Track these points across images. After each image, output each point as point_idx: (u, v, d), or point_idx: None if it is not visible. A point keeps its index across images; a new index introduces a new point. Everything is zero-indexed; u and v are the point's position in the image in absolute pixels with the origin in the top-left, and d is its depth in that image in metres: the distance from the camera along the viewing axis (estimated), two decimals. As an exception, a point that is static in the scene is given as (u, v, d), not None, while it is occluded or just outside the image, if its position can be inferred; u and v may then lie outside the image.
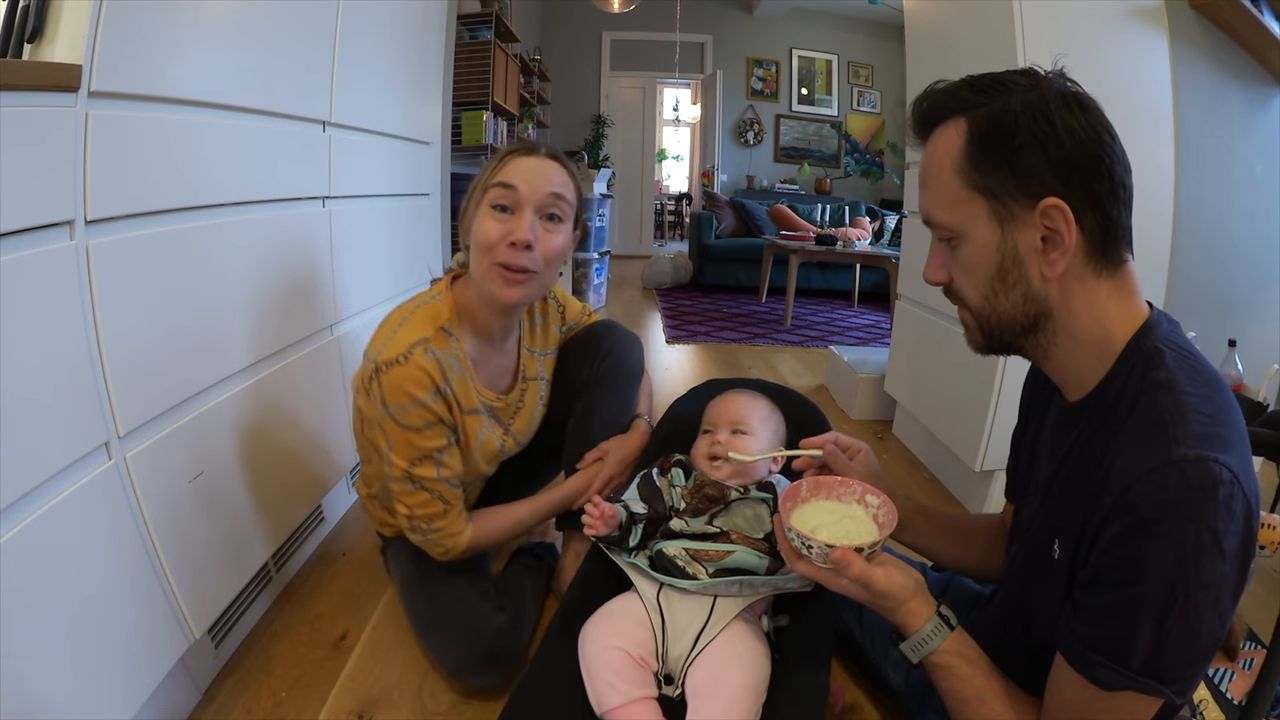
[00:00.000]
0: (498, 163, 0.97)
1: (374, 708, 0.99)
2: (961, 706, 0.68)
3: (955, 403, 1.74)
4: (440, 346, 0.96)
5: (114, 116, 0.77)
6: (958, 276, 0.66)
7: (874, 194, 6.50)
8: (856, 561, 0.67)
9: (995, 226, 0.61)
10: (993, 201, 0.60)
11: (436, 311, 0.99)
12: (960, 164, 0.61)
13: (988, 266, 0.62)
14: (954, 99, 0.63)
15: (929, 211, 0.66)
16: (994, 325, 0.65)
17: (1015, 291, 0.62)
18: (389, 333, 0.96)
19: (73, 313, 0.73)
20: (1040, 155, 0.58)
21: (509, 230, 0.93)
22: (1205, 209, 1.61)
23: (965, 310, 0.67)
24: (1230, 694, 0.93)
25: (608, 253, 4.31)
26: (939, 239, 0.67)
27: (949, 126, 0.63)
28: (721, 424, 1.08)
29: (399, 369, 0.91)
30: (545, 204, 0.95)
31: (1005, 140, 0.59)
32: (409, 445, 0.94)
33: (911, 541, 0.92)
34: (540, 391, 1.19)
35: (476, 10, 4.03)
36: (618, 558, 0.96)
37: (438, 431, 0.96)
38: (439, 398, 0.95)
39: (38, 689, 0.68)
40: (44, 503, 0.69)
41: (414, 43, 1.78)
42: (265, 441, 1.14)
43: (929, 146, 0.66)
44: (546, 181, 0.95)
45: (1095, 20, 1.49)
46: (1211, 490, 0.50)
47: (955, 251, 0.65)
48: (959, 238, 0.64)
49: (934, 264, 0.68)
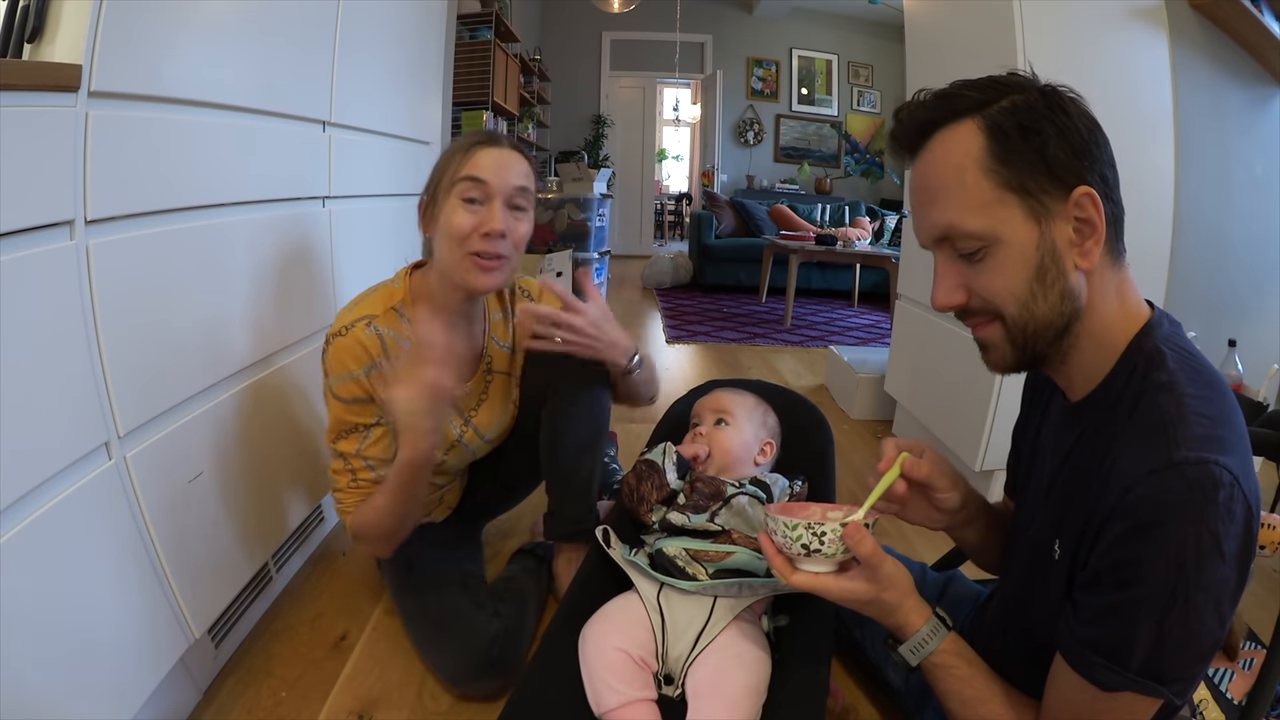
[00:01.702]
0: (464, 155, 0.98)
1: (374, 708, 0.99)
2: (962, 707, 0.68)
3: (955, 403, 1.74)
4: (388, 325, 1.00)
5: (114, 116, 0.77)
6: (986, 286, 0.60)
7: (874, 194, 6.50)
8: (869, 538, 0.65)
9: (1033, 224, 0.57)
10: (1027, 199, 0.57)
11: (390, 292, 1.03)
12: (986, 164, 0.57)
13: (1027, 269, 0.58)
14: (954, 101, 0.60)
15: (954, 222, 0.59)
16: (1030, 333, 0.60)
17: (1054, 291, 0.58)
18: (344, 311, 1.02)
19: (73, 313, 0.73)
20: (1065, 144, 0.56)
21: (482, 221, 0.96)
22: (1205, 209, 1.61)
23: (992, 325, 0.62)
24: (1230, 694, 0.93)
25: (608, 253, 4.31)
26: (958, 254, 0.61)
27: (954, 130, 0.59)
28: (705, 416, 1.12)
29: (339, 340, 0.97)
30: (512, 196, 0.99)
31: (1033, 133, 0.56)
32: (338, 418, 0.99)
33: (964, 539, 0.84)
34: (509, 387, 1.18)
35: (476, 10, 4.03)
36: (618, 558, 0.96)
37: (365, 409, 0.99)
38: (376, 373, 0.97)
39: (37, 689, 0.68)
40: (44, 503, 0.69)
41: (414, 42, 1.78)
42: (265, 442, 1.14)
43: (932, 154, 0.61)
44: (513, 174, 0.98)
45: (1095, 20, 1.49)
46: (1212, 493, 0.50)
47: (982, 262, 0.59)
48: (992, 244, 0.58)
49: (947, 286, 0.62)
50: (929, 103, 0.62)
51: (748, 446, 1.08)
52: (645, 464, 1.04)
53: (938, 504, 0.77)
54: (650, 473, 1.02)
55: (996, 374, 0.66)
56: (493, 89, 3.98)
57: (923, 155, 0.62)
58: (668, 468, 1.02)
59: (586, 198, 3.87)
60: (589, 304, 1.06)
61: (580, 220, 3.86)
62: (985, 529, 0.83)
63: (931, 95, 0.62)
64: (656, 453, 1.04)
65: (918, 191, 0.63)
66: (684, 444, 1.08)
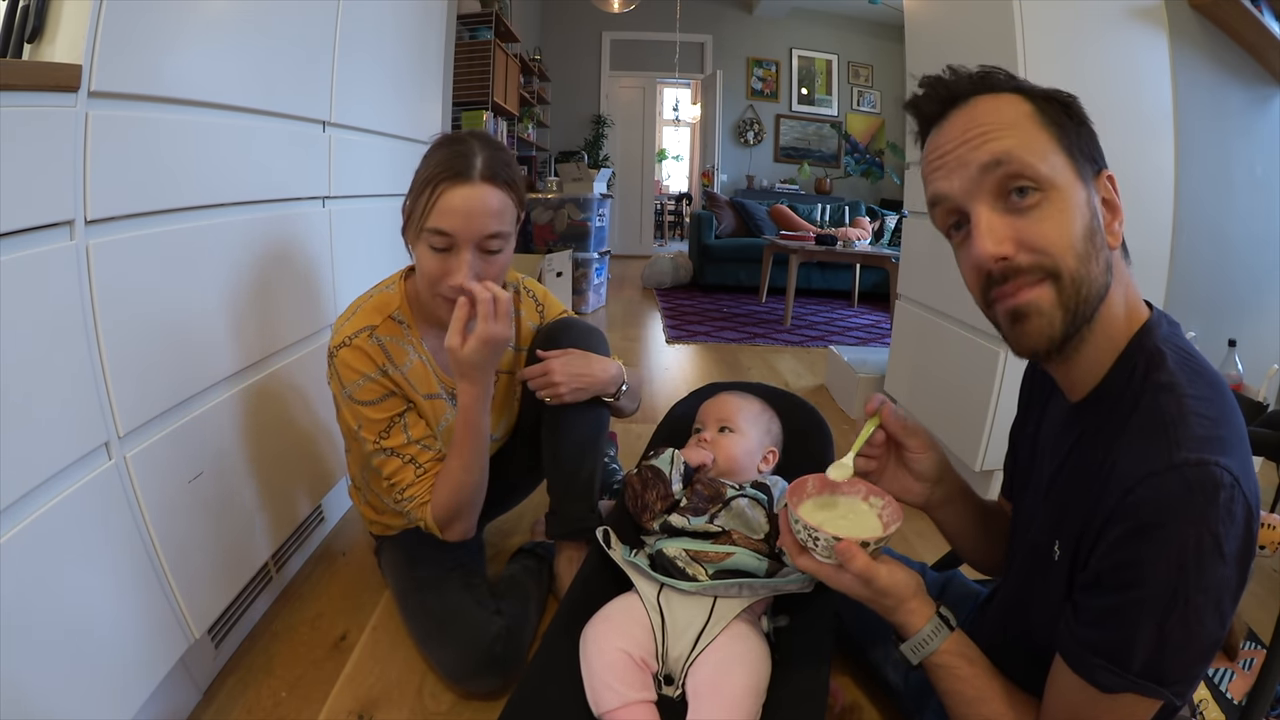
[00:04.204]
0: (431, 194, 0.91)
1: (374, 708, 0.99)
2: (963, 707, 0.68)
3: (955, 403, 1.74)
4: (389, 333, 1.02)
5: (114, 116, 0.77)
6: (1040, 235, 0.56)
7: (874, 194, 6.50)
8: (860, 555, 0.67)
9: (1081, 185, 0.58)
10: (1075, 160, 0.58)
11: (386, 301, 1.04)
12: (1042, 121, 0.58)
13: (1081, 222, 0.57)
14: (989, 79, 0.61)
15: (1015, 151, 0.56)
16: (1083, 297, 0.57)
17: (1101, 257, 0.57)
18: (343, 321, 1.02)
19: (73, 313, 0.73)
20: (1089, 133, 0.60)
21: (448, 270, 0.93)
22: (1205, 209, 1.61)
23: (1041, 287, 0.57)
24: (1230, 694, 0.93)
25: (608, 253, 4.31)
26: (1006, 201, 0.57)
27: (998, 97, 0.60)
28: (710, 422, 1.11)
29: (345, 351, 0.98)
30: (483, 242, 0.94)
31: (1069, 114, 0.60)
32: (371, 420, 1.00)
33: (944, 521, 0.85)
34: (514, 386, 1.18)
35: (476, 10, 4.04)
36: (618, 558, 0.96)
37: (394, 401, 1.01)
38: (385, 375, 1.00)
39: (37, 689, 0.68)
40: (44, 503, 0.69)
41: (414, 43, 1.78)
42: (265, 441, 1.14)
43: (976, 108, 0.60)
44: (483, 220, 0.92)
45: (1095, 20, 1.49)
46: (1213, 494, 0.50)
47: (1036, 209, 0.56)
48: (1049, 189, 0.56)
49: (996, 235, 0.57)
50: (964, 76, 0.62)
51: (751, 454, 1.08)
52: (651, 471, 1.03)
53: (912, 465, 0.79)
54: (656, 481, 1.01)
55: (1025, 356, 0.61)
56: (493, 89, 3.98)
57: (959, 111, 0.60)
58: (674, 478, 1.01)
59: (586, 198, 3.88)
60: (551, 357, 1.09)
61: (580, 220, 3.86)
62: (964, 515, 0.84)
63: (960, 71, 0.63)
64: (663, 460, 1.03)
65: (959, 137, 0.59)
66: (688, 449, 1.08)
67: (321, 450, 1.34)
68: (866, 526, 0.75)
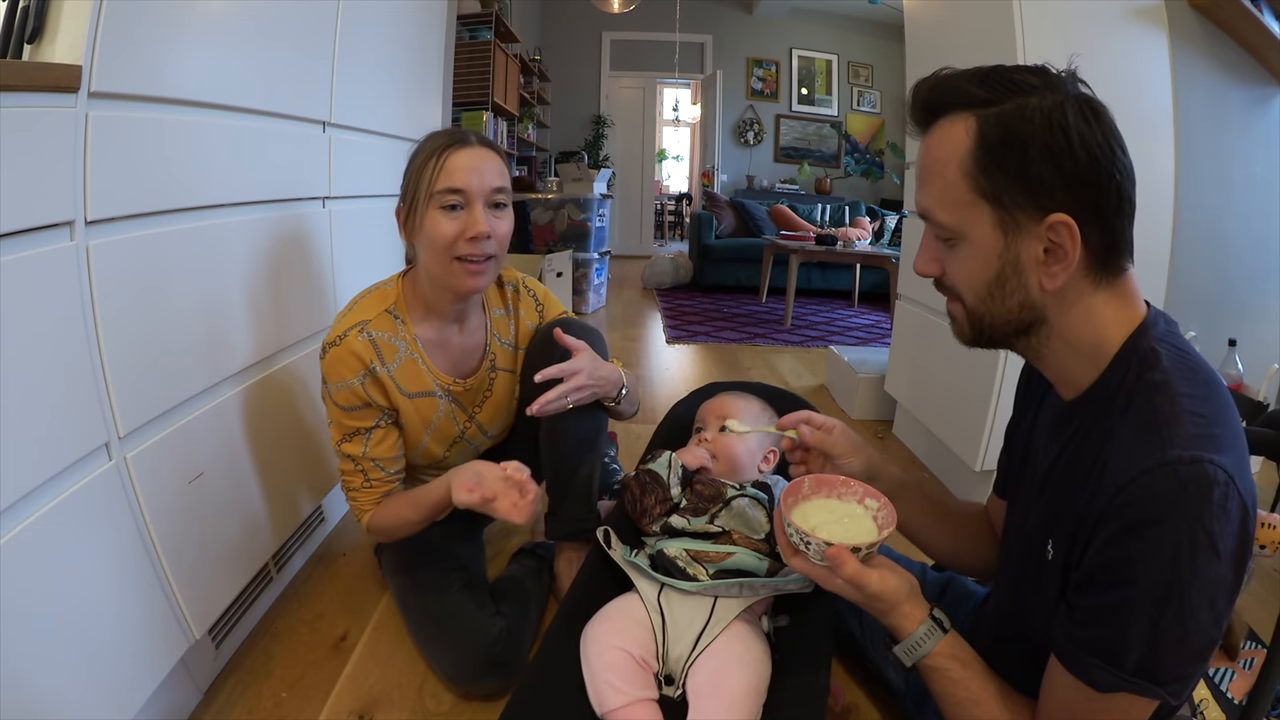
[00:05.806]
0: (437, 163, 0.96)
1: (374, 708, 0.99)
2: (956, 709, 0.68)
3: (955, 403, 1.74)
4: (382, 328, 1.03)
5: (114, 117, 0.77)
6: (953, 272, 0.64)
7: (874, 194, 6.50)
8: (851, 561, 0.66)
9: (999, 234, 0.59)
10: (999, 210, 0.58)
11: (384, 295, 1.06)
12: (968, 167, 0.58)
13: (986, 271, 0.61)
14: (962, 93, 0.59)
15: (929, 209, 0.63)
16: (985, 325, 0.64)
17: (1013, 299, 0.61)
18: (340, 317, 1.04)
19: (73, 313, 0.73)
20: (1053, 168, 0.55)
21: (465, 226, 0.97)
22: (1205, 209, 1.61)
23: (956, 304, 0.66)
24: (1230, 694, 0.93)
25: (608, 253, 4.31)
26: (935, 235, 0.65)
27: (956, 121, 0.59)
28: (710, 421, 1.11)
29: (335, 350, 0.99)
30: (491, 197, 0.99)
31: (1018, 149, 0.56)
32: (340, 424, 1.03)
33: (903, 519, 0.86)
34: (512, 384, 1.18)
35: (476, 10, 4.04)
36: (619, 558, 0.96)
37: (366, 414, 1.03)
38: (370, 378, 1.01)
39: (38, 689, 0.68)
40: (44, 503, 0.69)
41: (414, 43, 1.78)
42: (266, 442, 1.14)
43: (932, 139, 0.62)
44: (489, 175, 0.99)
45: (1095, 20, 1.49)
46: (1206, 491, 0.50)
47: (953, 250, 0.63)
48: (959, 239, 0.62)
49: (926, 256, 0.66)
50: (940, 86, 0.62)
51: (752, 454, 1.08)
52: (649, 475, 1.02)
53: (841, 468, 0.84)
54: (654, 485, 1.01)
55: (962, 344, 0.69)
56: (493, 89, 3.98)
57: (925, 137, 0.64)
58: (672, 482, 1.01)
59: (586, 198, 3.88)
60: (578, 357, 1.06)
61: (580, 220, 3.86)
62: (910, 509, 0.86)
63: (944, 78, 0.62)
64: (661, 464, 1.03)
65: (917, 167, 0.66)
66: (688, 448, 1.08)
67: (322, 451, 1.35)
68: (861, 529, 0.75)
